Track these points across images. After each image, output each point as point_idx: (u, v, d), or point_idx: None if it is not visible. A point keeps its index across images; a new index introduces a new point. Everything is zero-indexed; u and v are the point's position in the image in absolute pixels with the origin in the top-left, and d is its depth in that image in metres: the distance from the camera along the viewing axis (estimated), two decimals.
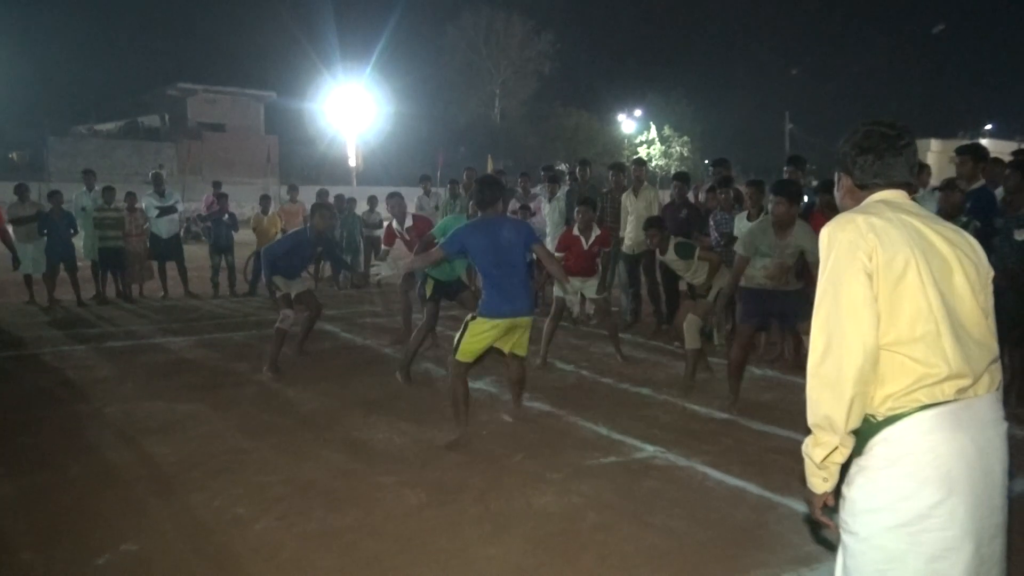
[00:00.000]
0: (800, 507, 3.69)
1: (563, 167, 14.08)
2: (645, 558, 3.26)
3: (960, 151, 5.84)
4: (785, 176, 6.89)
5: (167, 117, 44.20)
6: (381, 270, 5.02)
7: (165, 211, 10.97)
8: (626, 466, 4.36)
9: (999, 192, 5.72)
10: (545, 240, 9.28)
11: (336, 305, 10.31)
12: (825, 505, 1.83)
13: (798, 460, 1.86)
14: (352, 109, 37.53)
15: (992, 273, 1.88)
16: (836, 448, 1.72)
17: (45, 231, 10.11)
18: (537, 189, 10.07)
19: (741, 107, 56.30)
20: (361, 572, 3.16)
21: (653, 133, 51.03)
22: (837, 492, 1.83)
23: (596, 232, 6.97)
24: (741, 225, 6.89)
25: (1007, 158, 6.31)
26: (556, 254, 7.09)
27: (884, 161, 1.86)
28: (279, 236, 11.71)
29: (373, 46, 46.30)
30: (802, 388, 1.81)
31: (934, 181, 8.29)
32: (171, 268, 11.13)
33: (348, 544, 3.39)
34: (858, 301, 1.68)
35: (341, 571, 3.16)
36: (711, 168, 8.45)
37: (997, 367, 1.81)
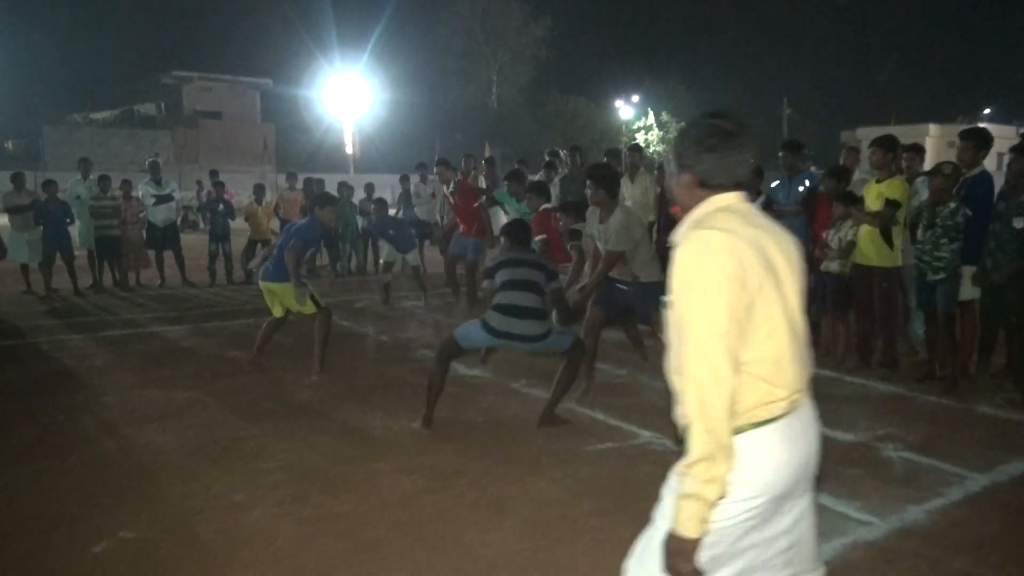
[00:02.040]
0: None
1: (562, 154, 13.98)
2: None
3: (963, 136, 5.78)
4: (781, 161, 6.86)
5: (163, 105, 44.00)
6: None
7: (162, 199, 10.94)
8: (622, 452, 4.38)
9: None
10: None
11: (333, 293, 10.30)
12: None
13: None
14: (349, 96, 37.37)
15: (802, 261, 1.87)
16: (725, 479, 1.64)
17: (41, 220, 10.08)
18: (539, 176, 10.05)
19: (739, 92, 55.92)
20: (358, 557, 3.17)
21: (651, 119, 50.82)
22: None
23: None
24: None
25: (1007, 143, 6.28)
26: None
27: (728, 160, 1.78)
28: (275, 224, 11.73)
29: (369, 33, 46.00)
30: None
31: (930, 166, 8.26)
32: (168, 256, 11.11)
33: (346, 530, 3.40)
34: (732, 328, 1.63)
35: (338, 556, 3.18)
36: None
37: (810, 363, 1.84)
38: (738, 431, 1.68)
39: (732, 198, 1.80)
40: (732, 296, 1.63)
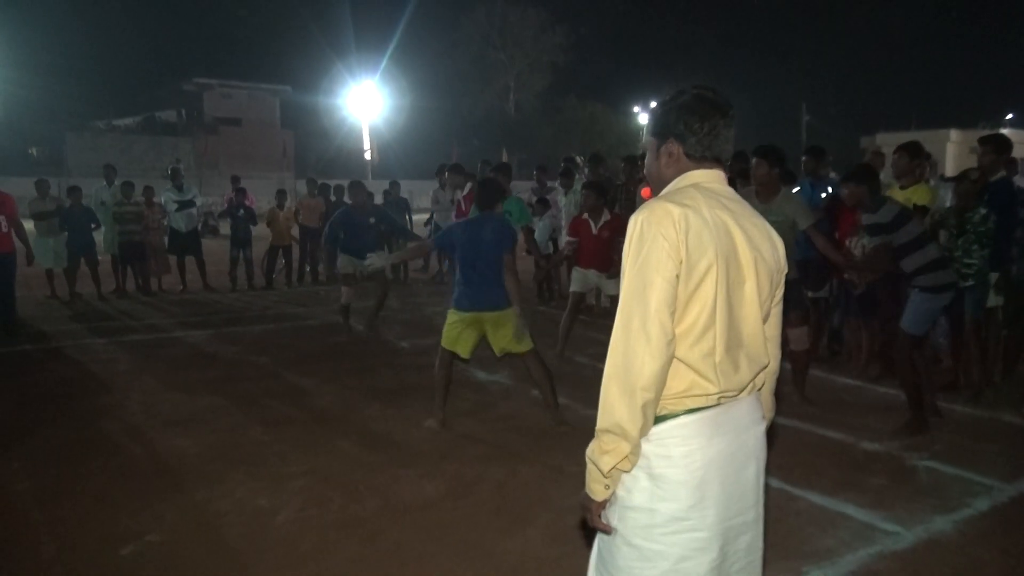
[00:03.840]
0: (821, 500, 3.69)
1: (579, 160, 14.00)
2: None
3: (983, 141, 5.77)
4: (803, 167, 6.83)
5: (183, 112, 44.47)
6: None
7: (183, 205, 11.06)
8: None
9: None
10: (561, 234, 9.28)
11: (354, 300, 10.31)
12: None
13: (818, 454, 1.86)
14: (367, 102, 37.62)
15: (787, 269, 1.83)
16: (626, 456, 1.64)
17: (66, 226, 10.22)
18: (557, 183, 10.08)
19: (757, 98, 55.72)
20: (381, 562, 3.18)
21: None
22: None
23: (606, 217, 6.65)
24: None
25: None
26: (569, 239, 6.96)
27: (717, 133, 1.74)
28: (296, 230, 11.84)
29: (388, 39, 46.30)
30: (822, 382, 1.80)
31: (952, 172, 8.19)
32: (190, 262, 11.22)
33: (368, 535, 3.42)
34: (665, 304, 1.59)
35: (361, 561, 3.19)
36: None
37: (763, 372, 1.78)
38: (663, 418, 1.65)
39: (709, 175, 1.76)
40: (669, 269, 1.59)
